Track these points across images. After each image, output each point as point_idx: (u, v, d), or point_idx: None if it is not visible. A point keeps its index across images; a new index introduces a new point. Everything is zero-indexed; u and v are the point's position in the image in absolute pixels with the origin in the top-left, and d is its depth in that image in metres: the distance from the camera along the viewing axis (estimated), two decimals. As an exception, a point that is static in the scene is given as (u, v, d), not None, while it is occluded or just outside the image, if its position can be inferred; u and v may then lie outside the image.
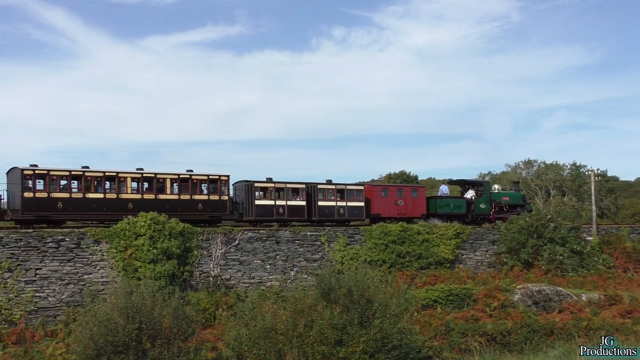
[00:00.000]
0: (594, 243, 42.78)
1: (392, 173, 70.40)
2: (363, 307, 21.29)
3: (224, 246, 32.37)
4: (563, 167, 76.99)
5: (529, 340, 28.09)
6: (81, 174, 31.39)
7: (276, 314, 21.30)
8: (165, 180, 33.77)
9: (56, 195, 30.42)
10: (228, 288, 31.27)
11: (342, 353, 20.26)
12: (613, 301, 33.22)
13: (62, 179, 31.07)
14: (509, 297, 32.29)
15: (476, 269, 39.16)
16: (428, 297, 31.36)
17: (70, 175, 31.11)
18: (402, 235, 36.54)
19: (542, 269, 38.13)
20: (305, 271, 33.95)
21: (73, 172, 31.24)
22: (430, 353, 25.36)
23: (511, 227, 40.33)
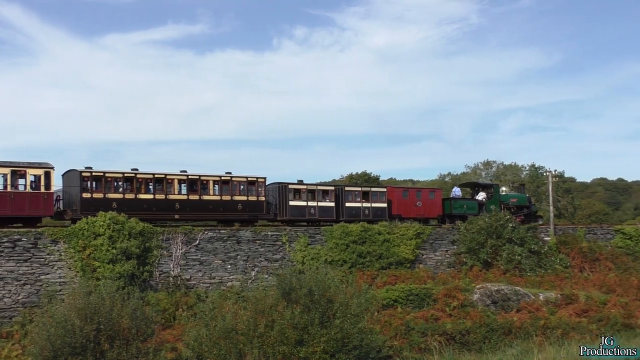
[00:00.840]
0: (551, 243, 43.48)
1: (354, 173, 70.63)
2: (324, 307, 21.32)
3: (185, 246, 32.17)
4: (521, 168, 78.04)
5: (487, 340, 28.36)
6: (133, 176, 33.55)
7: (237, 314, 21.21)
8: (208, 181, 35.93)
9: (111, 196, 32.51)
10: (188, 288, 31.07)
11: (302, 353, 20.28)
12: (569, 300, 33.75)
13: (117, 181, 33.31)
14: (468, 297, 32.56)
15: (436, 268, 39.49)
16: (388, 297, 31.46)
17: (123, 177, 33.42)
18: (363, 236, 36.67)
19: (500, 268, 38.62)
20: (266, 271, 33.88)
21: (126, 174, 33.46)
22: (390, 353, 25.45)
23: (471, 228, 40.79)
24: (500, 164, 78.76)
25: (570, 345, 27.17)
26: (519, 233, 40.69)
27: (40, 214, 31.16)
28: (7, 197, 29.67)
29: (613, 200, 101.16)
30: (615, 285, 37.88)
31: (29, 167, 30.38)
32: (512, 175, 74.92)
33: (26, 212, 30.07)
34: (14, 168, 30.03)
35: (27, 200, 30.13)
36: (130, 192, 33.28)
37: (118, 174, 33.36)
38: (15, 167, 30.13)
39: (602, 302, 33.69)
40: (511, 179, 72.98)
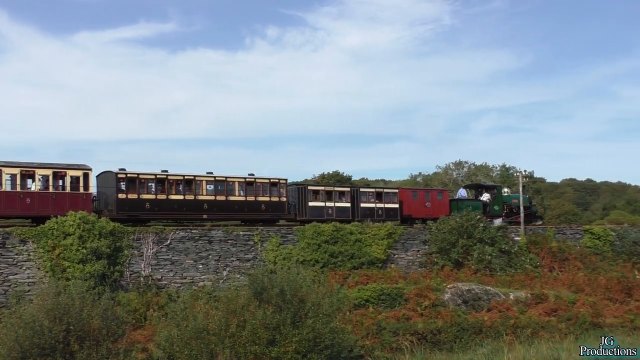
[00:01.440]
0: (521, 243, 43.90)
1: (326, 173, 70.70)
2: (295, 307, 21.33)
3: (156, 246, 31.96)
4: (492, 169, 78.64)
5: (458, 339, 28.56)
6: (164, 177, 35.20)
7: (208, 314, 21.13)
8: (234, 183, 37.59)
9: (145, 196, 34.10)
10: (159, 288, 30.89)
11: (274, 353, 20.25)
12: (539, 300, 34.14)
13: (149, 182, 34.71)
14: (439, 297, 32.76)
15: (408, 268, 39.67)
16: (360, 297, 31.54)
17: (155, 178, 34.94)
18: (335, 235, 36.72)
19: (471, 268, 38.94)
20: (238, 271, 33.77)
21: (158, 175, 35.06)
22: (362, 352, 25.50)
23: (442, 228, 41.05)
24: (472, 164, 79.37)
25: (539, 344, 27.48)
26: (489, 233, 41.07)
27: None
28: (50, 198, 31.14)
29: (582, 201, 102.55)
30: (584, 284, 38.42)
31: (68, 169, 31.95)
32: (484, 175, 75.42)
33: (66, 211, 30.77)
34: (55, 170, 31.59)
35: (67, 200, 31.44)
36: (162, 193, 34.76)
37: (151, 175, 34.88)
38: (56, 168, 31.69)
39: (571, 302, 34.15)
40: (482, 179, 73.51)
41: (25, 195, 30.66)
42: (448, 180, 75.07)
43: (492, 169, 78.16)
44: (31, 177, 31.16)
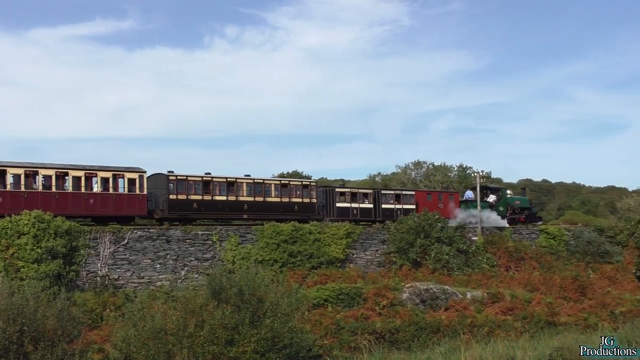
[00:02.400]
0: (478, 243, 44.43)
1: (285, 173, 70.67)
2: (254, 307, 21.27)
3: (113, 245, 31.61)
4: (450, 169, 79.34)
5: (416, 338, 28.77)
6: (210, 179, 37.79)
7: (166, 314, 20.89)
8: (271, 185, 40.80)
9: (192, 197, 36.58)
10: (116, 288, 30.54)
11: (232, 353, 20.18)
12: (496, 299, 34.50)
13: (196, 184, 37.12)
14: (397, 296, 32.88)
15: (366, 268, 39.82)
16: (319, 296, 31.51)
17: (202, 180, 37.46)
18: (293, 235, 36.71)
19: (429, 268, 39.22)
20: (196, 271, 33.56)
21: (204, 178, 37.69)
22: (320, 352, 25.57)
23: (400, 227, 41.29)
24: (430, 164, 80.00)
25: (496, 342, 27.83)
26: (447, 232, 41.47)
27: (136, 214, 34.82)
28: (110, 198, 33.47)
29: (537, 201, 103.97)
30: (539, 283, 39.00)
31: (126, 172, 34.27)
32: (442, 175, 76.05)
33: (125, 211, 33.91)
34: (115, 172, 33.94)
35: (125, 201, 33.92)
36: (208, 194, 37.13)
37: (197, 177, 37.49)
38: (115, 171, 34.07)
39: (526, 301, 34.58)
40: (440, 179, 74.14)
41: (89, 196, 32.93)
42: (407, 180, 75.47)
43: (450, 169, 78.85)
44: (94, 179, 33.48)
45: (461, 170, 77.47)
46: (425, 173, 78.40)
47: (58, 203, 31.63)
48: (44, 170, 31.97)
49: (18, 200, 30.68)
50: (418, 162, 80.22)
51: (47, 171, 32.05)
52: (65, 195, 32.21)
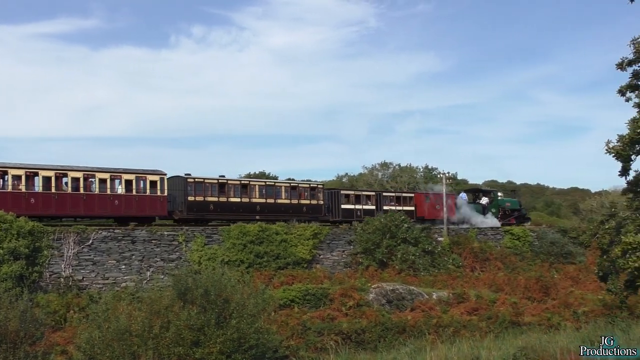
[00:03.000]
0: (444, 243, 44.79)
1: (252, 173, 70.56)
2: (220, 308, 21.25)
3: (77, 246, 31.25)
4: (416, 170, 79.90)
5: (382, 338, 28.95)
6: (225, 182, 39.80)
7: (131, 315, 20.79)
8: (281, 187, 43.16)
9: (209, 199, 38.36)
10: (80, 289, 30.22)
11: (198, 354, 20.14)
12: (461, 299, 34.86)
13: (212, 186, 38.84)
14: (364, 296, 33.02)
15: (333, 268, 39.86)
16: (285, 297, 31.53)
17: (218, 183, 39.24)
18: (260, 236, 36.66)
19: (395, 268, 39.39)
20: (162, 271, 33.32)
21: (220, 180, 39.65)
22: (287, 352, 25.62)
23: (367, 228, 41.43)
24: (397, 165, 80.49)
25: (461, 342, 28.10)
26: (413, 233, 41.70)
27: (157, 214, 36.39)
28: (133, 199, 34.96)
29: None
30: (504, 284, 39.46)
31: (148, 174, 35.76)
32: (408, 177, 76.56)
33: (147, 212, 35.57)
34: (138, 174, 35.39)
35: (147, 202, 35.52)
36: (223, 196, 38.91)
37: (214, 180, 39.41)
38: (138, 173, 35.52)
39: (491, 301, 34.99)
40: (407, 180, 74.61)
41: (114, 197, 34.47)
42: (374, 181, 75.84)
43: (416, 170, 79.42)
44: (118, 181, 35.04)
45: (427, 171, 78.08)
46: (392, 174, 78.87)
47: (86, 204, 33.51)
48: (72, 173, 33.55)
49: (49, 202, 32.44)
50: (384, 163, 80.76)
51: (75, 173, 33.58)
52: (92, 196, 33.87)
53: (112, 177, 34.52)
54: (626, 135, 15.00)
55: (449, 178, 53.25)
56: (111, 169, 34.92)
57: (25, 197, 31.82)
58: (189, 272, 24.25)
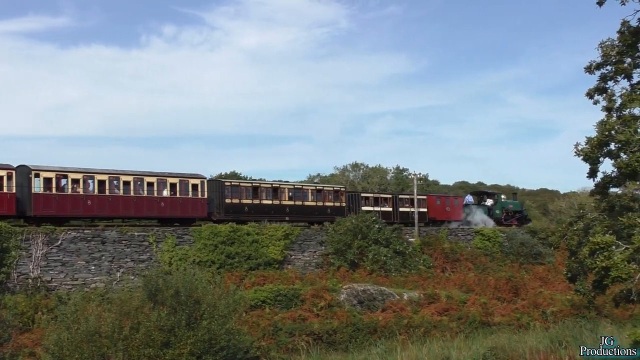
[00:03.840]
0: (415, 244, 45.09)
1: (223, 173, 70.41)
2: (191, 309, 21.29)
3: (46, 247, 30.93)
4: (387, 171, 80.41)
5: (353, 339, 29.10)
6: (258, 185, 43.57)
7: (100, 317, 20.76)
8: (308, 190, 46.07)
9: (244, 201, 41.15)
10: (49, 290, 29.91)
11: (169, 355, 20.17)
12: (432, 299, 35.14)
13: (247, 189, 41.90)
14: (335, 297, 33.11)
15: (304, 269, 39.90)
16: (257, 298, 31.51)
17: (252, 186, 42.76)
18: (231, 236, 36.63)
19: (367, 269, 39.52)
20: (132, 272, 33.13)
21: (253, 184, 43.95)
22: (258, 353, 25.70)
23: (338, 229, 41.56)
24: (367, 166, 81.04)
25: (431, 343, 28.35)
26: (384, 234, 41.91)
27: (198, 216, 38.60)
28: (177, 202, 37.44)
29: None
30: (474, 284, 39.92)
31: (190, 178, 38.46)
32: (379, 177, 77.00)
33: (189, 214, 38.11)
34: (181, 178, 38.03)
35: (189, 204, 37.98)
36: (256, 199, 41.74)
37: (248, 183, 44.33)
38: (182, 177, 38.21)
39: (462, 301, 35.35)
40: (378, 181, 75.01)
41: (160, 200, 36.76)
42: (345, 182, 76.15)
43: (387, 171, 79.95)
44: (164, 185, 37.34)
45: (398, 172, 78.59)
46: (363, 174, 79.31)
47: (135, 206, 35.88)
48: (123, 177, 35.90)
49: (103, 204, 34.84)
50: (355, 164, 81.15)
51: (126, 177, 35.93)
52: (142, 199, 36.20)
53: (159, 180, 37.02)
54: (594, 137, 15.27)
55: (420, 179, 53.70)
56: (158, 173, 37.58)
57: (83, 199, 34.22)
58: (159, 272, 24.25)
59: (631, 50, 16.36)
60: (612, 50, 16.45)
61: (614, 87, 16.53)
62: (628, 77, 16.47)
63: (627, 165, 14.46)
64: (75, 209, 33.58)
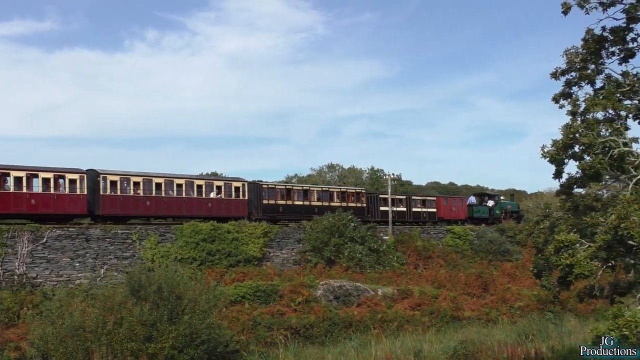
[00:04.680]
0: (389, 242, 45.92)
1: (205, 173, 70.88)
2: (173, 304, 21.62)
3: (31, 244, 31.54)
4: (362, 172, 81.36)
5: (329, 333, 29.70)
6: (291, 187, 47.76)
7: (85, 312, 21.00)
8: (334, 192, 50.05)
9: (279, 202, 45.32)
10: (34, 287, 30.47)
11: (151, 349, 20.45)
12: (405, 295, 35.90)
13: (281, 192, 45.98)
14: (312, 293, 33.76)
15: (282, 266, 40.55)
16: (236, 294, 32.06)
17: (285, 189, 46.88)
18: (212, 234, 37.25)
19: (343, 266, 40.22)
20: (116, 269, 33.75)
21: (287, 186, 47.91)
22: (237, 347, 26.14)
23: (315, 227, 42.30)
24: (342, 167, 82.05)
25: (404, 337, 29.09)
26: (359, 232, 42.73)
27: (240, 215, 41.89)
28: (223, 203, 41.68)
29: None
30: (446, 280, 40.62)
31: (233, 181, 43.31)
32: (354, 178, 77.87)
33: (232, 213, 41.77)
34: (225, 182, 43.26)
35: (233, 205, 42.26)
36: (290, 200, 45.90)
37: (282, 186, 47.92)
38: (226, 181, 43.77)
39: (434, 297, 36.09)
40: (353, 181, 75.89)
41: (208, 201, 40.88)
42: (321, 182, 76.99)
43: (362, 172, 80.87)
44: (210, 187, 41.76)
45: (372, 172, 79.49)
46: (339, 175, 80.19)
47: (187, 206, 39.93)
48: (177, 180, 40.05)
49: (160, 204, 38.72)
50: (331, 164, 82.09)
51: (179, 180, 40.12)
52: (192, 200, 40.35)
53: (207, 184, 41.73)
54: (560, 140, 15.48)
55: (394, 179, 54.92)
56: (204, 176, 44.45)
57: (143, 200, 38.13)
58: (142, 269, 24.66)
59: (594, 57, 16.68)
60: (576, 57, 16.63)
61: (578, 93, 16.69)
62: (591, 83, 16.66)
63: (590, 167, 14.71)
64: (136, 208, 37.71)
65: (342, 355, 25.78)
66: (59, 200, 34.38)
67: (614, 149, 14.63)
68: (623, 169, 14.96)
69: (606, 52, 16.51)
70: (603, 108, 15.37)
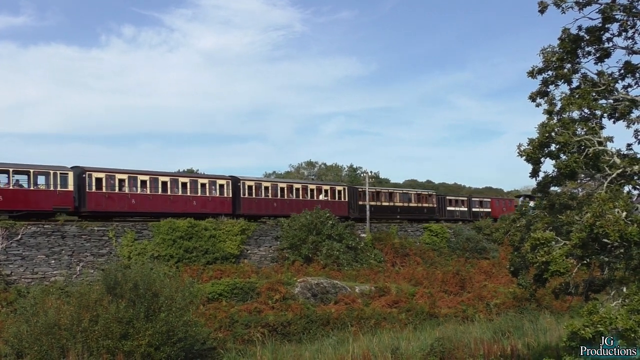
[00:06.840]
0: (367, 240, 46.13)
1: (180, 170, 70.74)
2: (149, 301, 21.50)
3: (5, 241, 31.27)
4: (341, 169, 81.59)
5: (307, 330, 29.65)
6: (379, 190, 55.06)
7: (60, 310, 20.85)
8: (412, 194, 58.01)
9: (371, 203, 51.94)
10: (8, 284, 30.24)
11: (127, 347, 20.31)
12: (382, 292, 36.03)
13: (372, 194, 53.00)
14: (290, 290, 33.75)
15: (260, 263, 40.63)
16: (214, 291, 32.00)
17: (375, 191, 54.42)
18: (190, 231, 37.17)
19: (320, 263, 40.41)
20: (92, 266, 33.56)
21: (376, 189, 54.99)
22: (214, 344, 26.01)
23: (293, 225, 42.34)
24: (322, 164, 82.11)
25: (382, 334, 29.13)
26: (337, 230, 42.86)
27: (342, 215, 48.92)
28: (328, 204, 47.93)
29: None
30: (423, 278, 40.90)
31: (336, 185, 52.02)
32: (334, 175, 78.09)
33: (336, 212, 46.52)
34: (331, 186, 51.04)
35: (336, 205, 49.57)
36: (378, 201, 53.39)
37: (372, 189, 54.15)
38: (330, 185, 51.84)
39: (411, 294, 36.22)
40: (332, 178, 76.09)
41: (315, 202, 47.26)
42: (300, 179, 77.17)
43: (341, 169, 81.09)
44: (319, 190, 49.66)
45: (351, 170, 79.77)
46: (318, 172, 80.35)
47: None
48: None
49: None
50: (310, 162, 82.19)
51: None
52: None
53: (318, 188, 50.39)
54: (536, 139, 15.48)
55: (372, 177, 55.31)
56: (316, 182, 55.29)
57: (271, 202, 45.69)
58: (118, 266, 24.52)
59: (571, 56, 16.71)
60: (553, 56, 16.64)
61: (554, 91, 16.80)
62: (568, 81, 16.68)
63: (566, 165, 14.73)
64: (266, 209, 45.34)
65: (319, 353, 25.73)
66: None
67: (589, 147, 14.71)
68: (598, 167, 15.04)
69: (582, 51, 16.57)
70: (579, 107, 15.42)
